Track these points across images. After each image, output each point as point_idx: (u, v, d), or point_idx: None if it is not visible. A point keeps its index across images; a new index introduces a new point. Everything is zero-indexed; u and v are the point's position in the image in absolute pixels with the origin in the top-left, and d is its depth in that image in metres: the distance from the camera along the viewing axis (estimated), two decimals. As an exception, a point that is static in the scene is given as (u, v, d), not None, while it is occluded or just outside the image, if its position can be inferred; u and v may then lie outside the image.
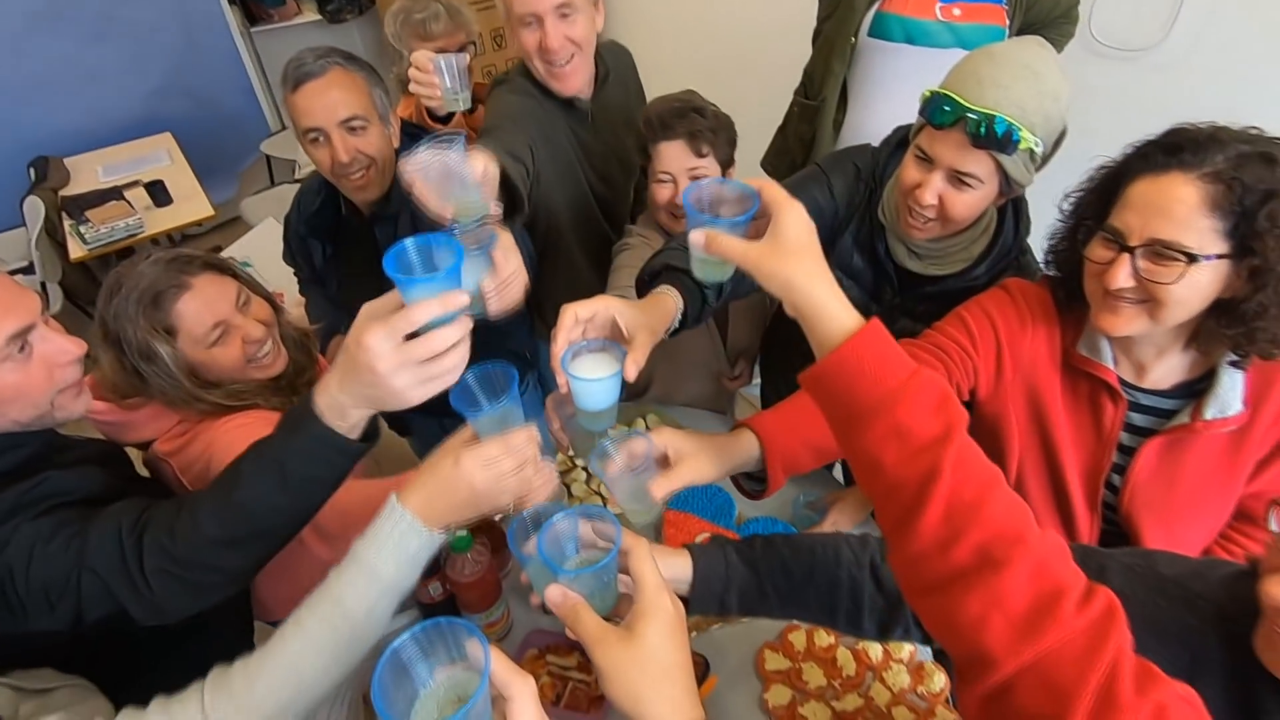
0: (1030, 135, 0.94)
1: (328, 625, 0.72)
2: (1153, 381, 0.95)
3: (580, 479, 1.47)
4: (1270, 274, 0.77)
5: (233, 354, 1.09)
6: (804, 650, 1.19)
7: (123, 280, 1.04)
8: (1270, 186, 0.76)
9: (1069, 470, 1.01)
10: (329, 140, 1.24)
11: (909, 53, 1.51)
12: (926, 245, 1.11)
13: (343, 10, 3.95)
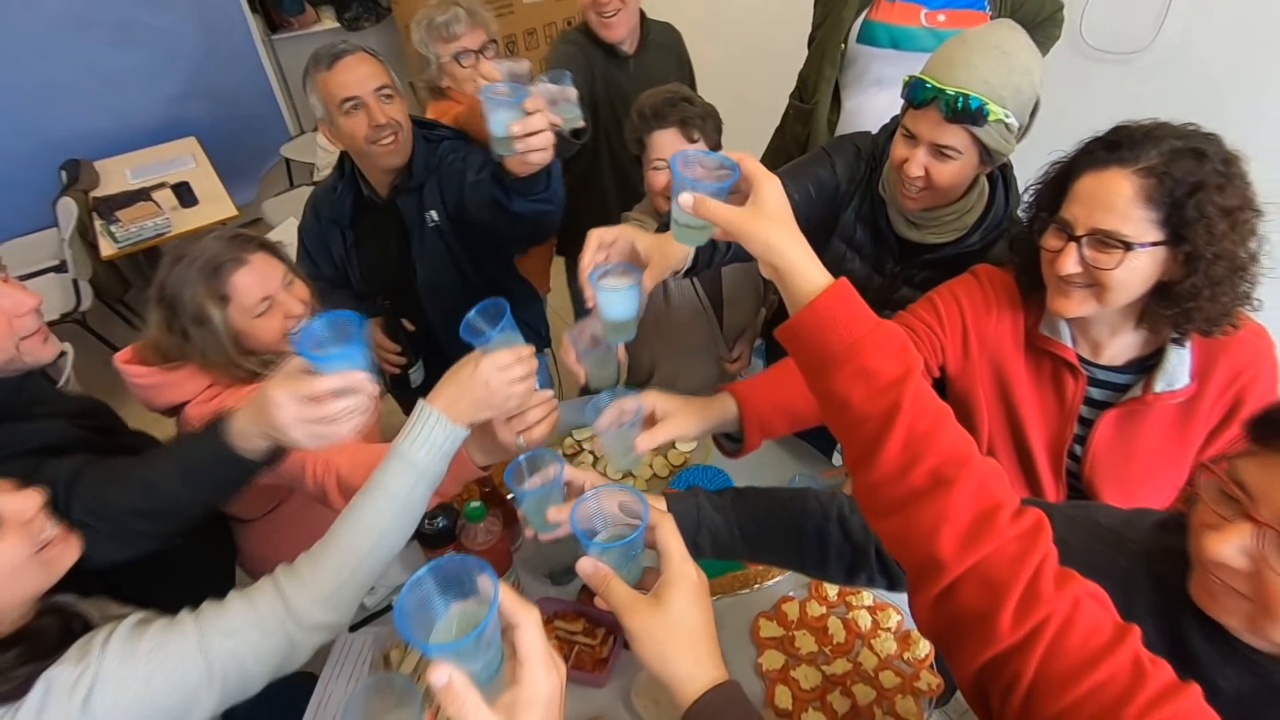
0: (999, 109, 1.01)
1: (376, 509, 0.86)
2: (1108, 358, 1.01)
3: (588, 462, 1.55)
4: (1201, 259, 0.84)
5: (274, 326, 1.19)
6: (797, 620, 1.25)
7: (186, 251, 1.15)
8: (1199, 179, 0.82)
9: (1035, 442, 1.08)
10: (365, 107, 1.34)
11: (896, 57, 1.59)
12: (923, 215, 1.18)
13: (360, 18, 4.06)
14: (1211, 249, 0.84)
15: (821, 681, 1.17)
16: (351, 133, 1.36)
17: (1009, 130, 1.05)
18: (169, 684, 0.75)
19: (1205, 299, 0.86)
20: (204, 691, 0.77)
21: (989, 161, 1.10)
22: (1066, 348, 1.00)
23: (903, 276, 1.28)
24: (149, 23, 3.27)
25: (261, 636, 0.80)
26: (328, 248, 1.58)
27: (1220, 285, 0.86)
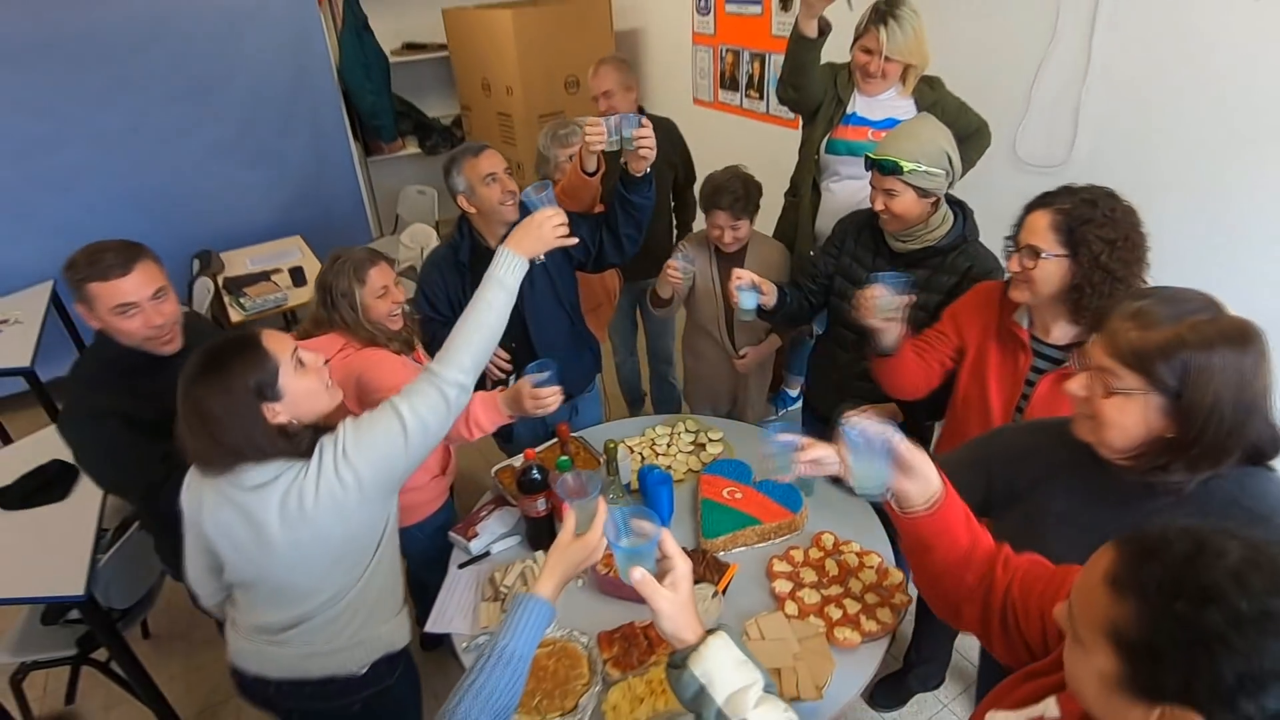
0: (909, 163, 1.55)
1: (494, 295, 1.37)
2: (1053, 339, 1.41)
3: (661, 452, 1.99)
4: (1085, 269, 1.28)
5: (386, 306, 1.75)
6: (802, 561, 1.65)
7: (341, 254, 1.74)
8: (1088, 217, 1.28)
9: (994, 400, 1.50)
10: (499, 180, 1.89)
11: (852, 160, 2.20)
12: (902, 234, 1.70)
13: (438, 146, 4.89)
14: (1092, 262, 1.26)
15: (820, 599, 1.55)
16: (488, 198, 1.90)
17: (929, 175, 1.57)
18: (380, 431, 1.22)
19: (1089, 296, 1.29)
20: (400, 437, 1.22)
21: (927, 195, 1.61)
22: (1021, 328, 1.44)
23: None
24: (277, 148, 4.05)
25: (424, 394, 1.26)
26: (447, 292, 2.07)
27: (1099, 287, 1.27)
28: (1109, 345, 0.93)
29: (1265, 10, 1.87)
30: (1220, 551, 0.59)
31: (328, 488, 1.17)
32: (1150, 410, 0.91)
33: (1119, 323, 0.93)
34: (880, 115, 2.18)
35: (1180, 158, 2.14)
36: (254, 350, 1.17)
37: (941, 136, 1.60)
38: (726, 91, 3.90)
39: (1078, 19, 2.25)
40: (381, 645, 1.40)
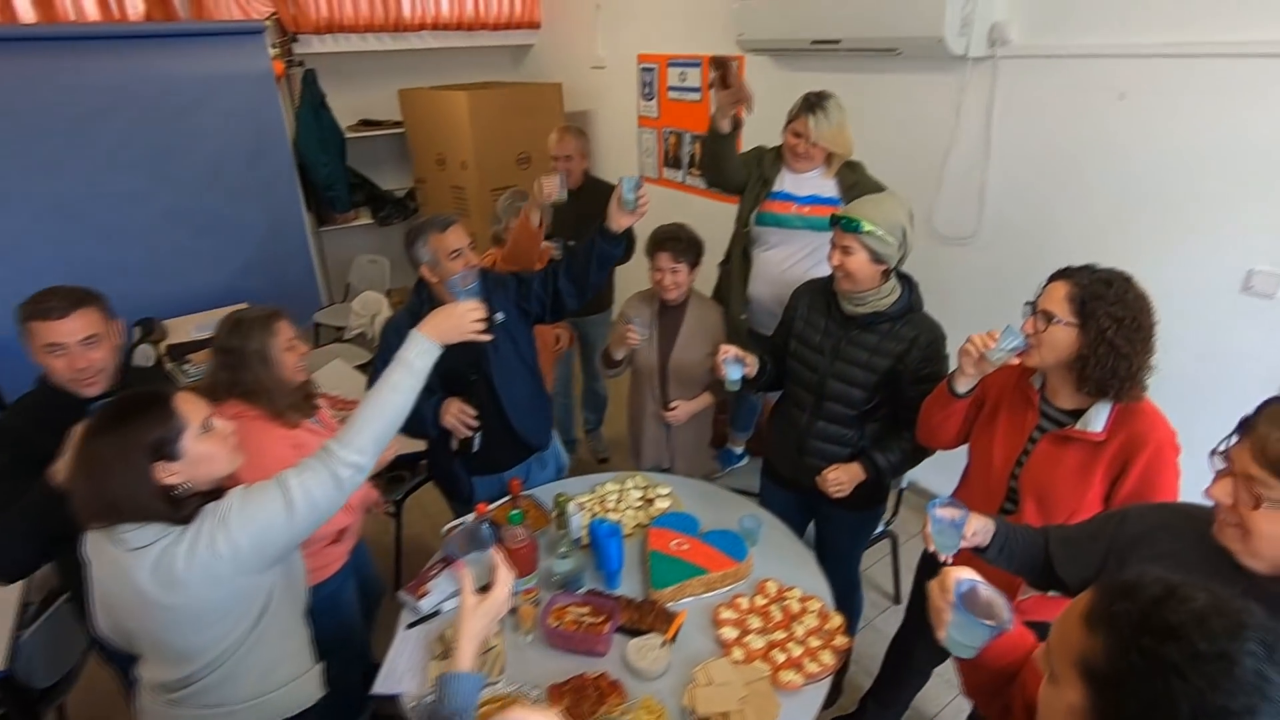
0: (869, 224, 1.68)
1: (400, 377, 1.35)
2: (1061, 402, 1.48)
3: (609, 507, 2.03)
4: (1094, 341, 1.34)
5: (293, 358, 1.76)
6: (747, 608, 1.70)
7: (240, 315, 1.74)
8: (1100, 294, 1.34)
9: (997, 451, 1.57)
10: (464, 255, 1.97)
11: (778, 231, 2.44)
12: (857, 297, 1.80)
13: (390, 217, 5.00)
14: (1099, 335, 1.33)
15: (765, 644, 1.60)
16: (453, 272, 1.94)
17: (882, 240, 1.70)
18: (265, 504, 1.21)
19: (1093, 366, 1.35)
20: (284, 513, 1.20)
21: (879, 261, 1.73)
22: (1033, 389, 1.52)
23: (846, 336, 1.86)
24: (229, 217, 4.08)
25: (316, 473, 1.24)
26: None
27: (1103, 360, 1.34)
28: (1258, 453, 0.88)
29: (1131, 106, 2.16)
30: (1188, 598, 0.65)
31: (202, 556, 1.15)
32: None
33: (1268, 429, 0.88)
34: (805, 192, 2.39)
35: (1074, 228, 2.40)
36: (160, 407, 1.18)
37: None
38: (670, 169, 4.15)
39: (978, 105, 2.54)
40: (280, 708, 1.39)
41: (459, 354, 2.04)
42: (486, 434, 2.07)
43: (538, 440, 2.23)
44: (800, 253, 2.47)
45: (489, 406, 2.07)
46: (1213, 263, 2.10)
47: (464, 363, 2.04)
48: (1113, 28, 2.16)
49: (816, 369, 1.89)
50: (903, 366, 1.79)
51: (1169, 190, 2.14)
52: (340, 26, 4.29)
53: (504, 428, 2.12)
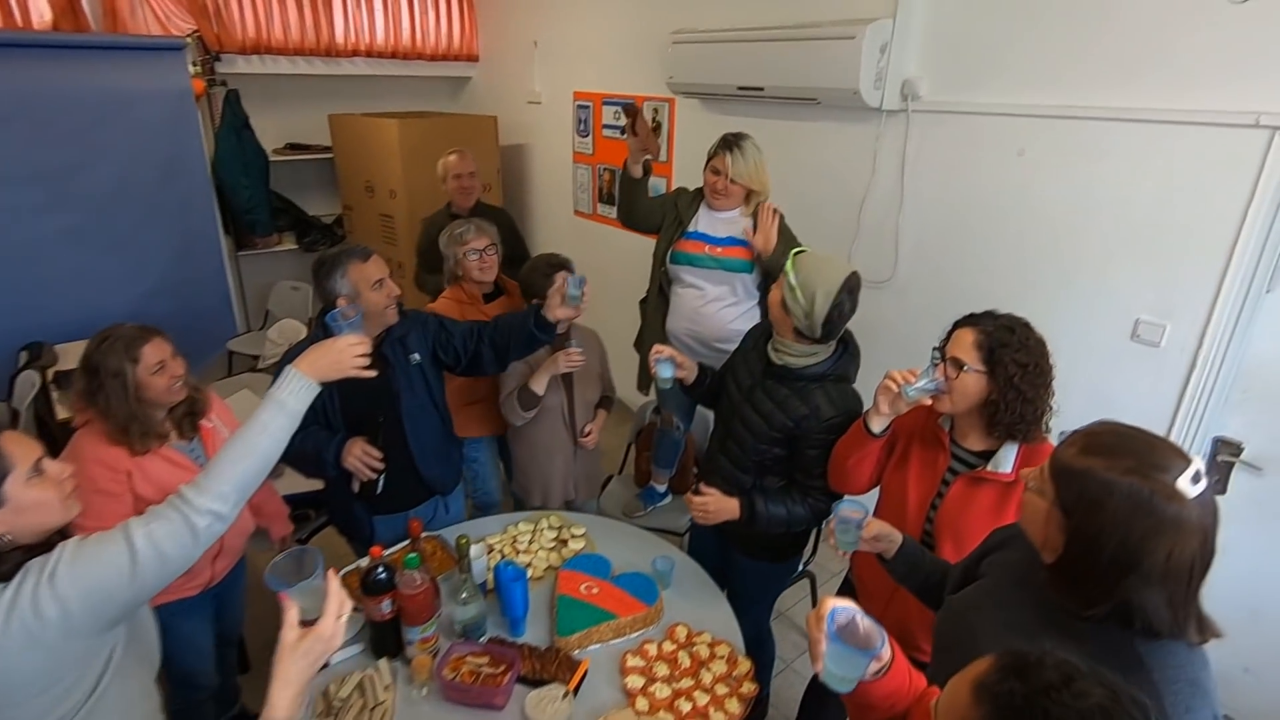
0: (789, 269, 1.64)
1: (272, 417, 1.24)
2: (970, 444, 1.51)
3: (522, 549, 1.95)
4: (1001, 386, 1.39)
5: (164, 381, 1.66)
6: (655, 654, 1.65)
7: (110, 332, 1.64)
8: (1004, 341, 1.39)
9: (911, 493, 1.58)
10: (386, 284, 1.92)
11: (692, 270, 2.47)
12: (781, 344, 1.74)
13: (317, 243, 4.84)
14: (1007, 381, 1.38)
15: (671, 693, 1.54)
16: (375, 302, 1.89)
17: (792, 292, 1.63)
18: (103, 558, 1.05)
19: (1003, 411, 1.40)
20: (127, 569, 1.05)
21: (788, 312, 1.67)
22: (944, 430, 1.55)
23: (761, 382, 1.81)
24: (138, 238, 3.87)
25: (168, 522, 1.10)
26: None
27: (1011, 405, 1.39)
28: (1052, 456, 0.96)
29: (1030, 162, 2.29)
30: (1083, 693, 0.62)
31: (20, 619, 0.99)
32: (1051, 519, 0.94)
33: (1067, 442, 0.96)
34: (722, 233, 2.43)
35: (980, 274, 2.50)
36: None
37: (826, 280, 1.63)
38: (604, 205, 4.17)
39: (892, 155, 2.64)
40: None
41: (368, 392, 1.97)
42: (391, 474, 1.98)
43: (443, 485, 2.16)
44: (714, 292, 2.50)
45: (396, 447, 1.99)
46: (1104, 311, 2.22)
47: (373, 401, 1.97)
48: (1013, 89, 2.29)
49: (732, 403, 1.88)
50: (800, 433, 1.74)
51: (1064, 242, 2.26)
52: (268, 48, 4.19)
53: (409, 469, 2.03)
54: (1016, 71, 2.27)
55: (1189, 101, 1.94)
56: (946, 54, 2.44)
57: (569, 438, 2.37)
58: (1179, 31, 1.93)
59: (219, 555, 1.89)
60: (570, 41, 4.10)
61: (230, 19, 4.01)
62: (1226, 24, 1.84)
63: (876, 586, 1.68)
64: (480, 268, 2.40)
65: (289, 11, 4.19)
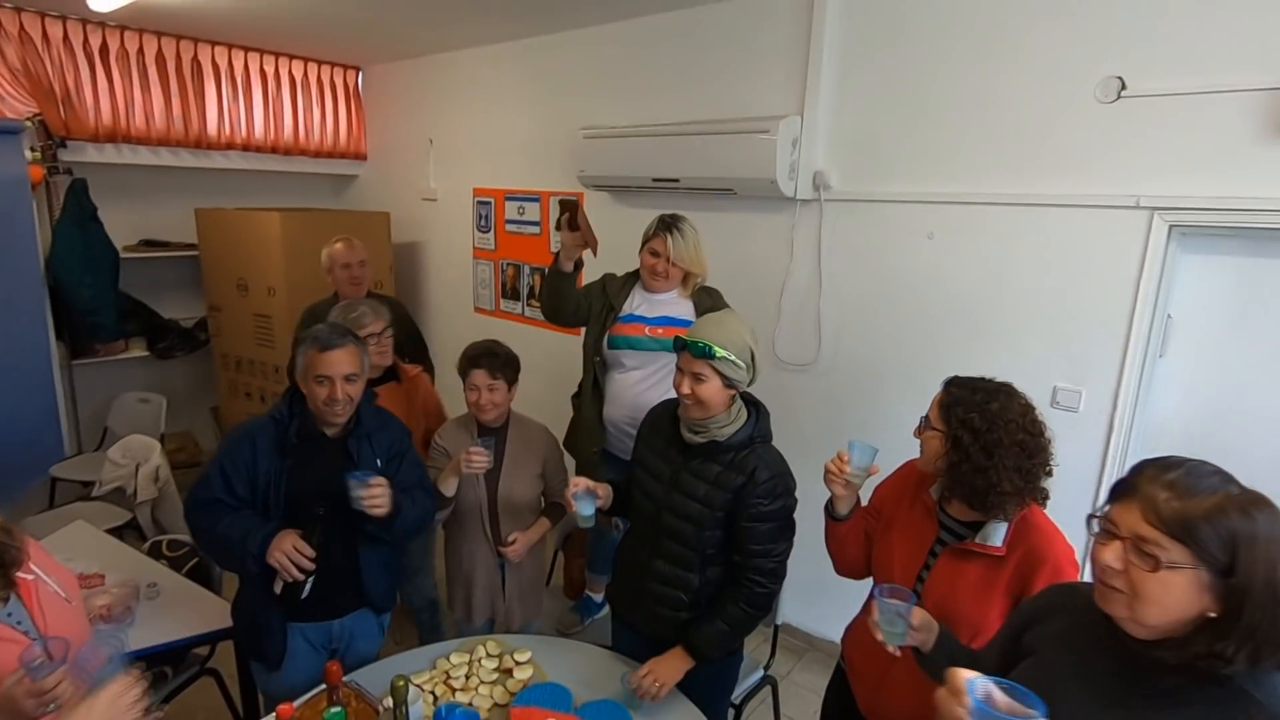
0: (722, 350, 1.57)
1: None
2: (957, 513, 1.42)
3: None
4: (963, 450, 1.32)
5: None
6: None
7: None
8: (961, 400, 1.34)
9: (897, 563, 1.47)
10: (331, 384, 1.65)
11: (631, 354, 2.39)
12: (698, 423, 1.64)
13: (173, 349, 4.27)
14: (956, 443, 1.32)
15: None
16: (315, 396, 1.65)
17: (734, 365, 1.58)
18: None
19: (967, 478, 1.32)
20: None
21: (731, 386, 1.61)
22: (932, 499, 1.46)
23: (685, 466, 1.68)
24: (-63, 345, 3.21)
25: None
26: (253, 471, 1.66)
27: (957, 468, 1.33)
28: (1149, 513, 0.86)
29: (939, 244, 2.43)
30: None
31: None
32: (1197, 586, 0.84)
33: (1154, 490, 0.87)
34: (657, 313, 2.37)
35: (900, 353, 2.57)
36: None
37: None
38: (508, 300, 4.03)
39: (808, 241, 2.73)
40: None
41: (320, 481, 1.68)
42: (323, 577, 1.66)
43: (381, 601, 1.83)
44: (656, 374, 2.40)
45: (338, 549, 1.69)
46: (1022, 380, 2.23)
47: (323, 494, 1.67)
48: (916, 177, 2.46)
49: (655, 499, 1.71)
50: (738, 503, 1.62)
51: (980, 316, 2.38)
52: (126, 137, 3.80)
53: (349, 576, 1.74)
54: (917, 162, 2.45)
55: (1076, 187, 2.15)
56: (852, 147, 2.60)
57: (489, 546, 2.08)
58: (1059, 125, 2.16)
59: None
60: (469, 139, 4.06)
61: (82, 104, 3.62)
62: (1099, 119, 2.08)
63: (867, 669, 1.53)
64: (377, 352, 2.22)
65: (154, 100, 3.86)
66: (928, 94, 2.39)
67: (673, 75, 3.06)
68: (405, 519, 1.71)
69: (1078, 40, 2.09)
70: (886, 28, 2.46)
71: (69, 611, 1.41)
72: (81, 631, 1.45)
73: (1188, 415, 2.16)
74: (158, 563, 2.34)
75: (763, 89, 2.78)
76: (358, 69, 4.67)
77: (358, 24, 3.59)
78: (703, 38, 2.94)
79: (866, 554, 1.60)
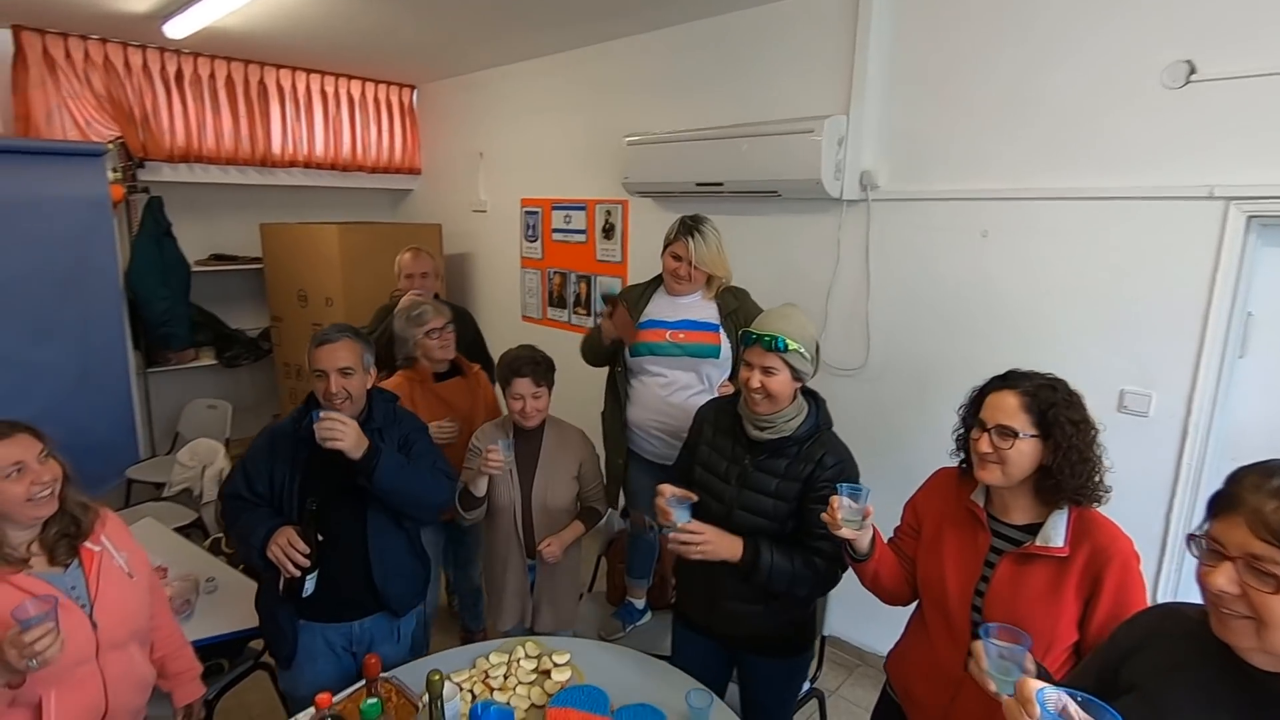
0: (793, 343, 1.56)
1: None
2: (1012, 518, 1.36)
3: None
4: (1060, 449, 1.27)
5: (20, 489, 1.33)
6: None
7: None
8: (1053, 400, 1.28)
9: (950, 580, 1.39)
10: (327, 378, 1.70)
11: (654, 360, 2.35)
12: (764, 419, 1.63)
13: (238, 358, 4.47)
14: (1065, 442, 1.27)
15: None
16: (318, 391, 1.72)
17: (803, 357, 1.59)
18: None
19: (1066, 475, 1.27)
20: None
21: (799, 378, 1.61)
22: (979, 506, 1.39)
23: (753, 464, 1.67)
24: (27, 355, 3.43)
25: None
26: (271, 469, 1.73)
27: (1075, 467, 1.27)
28: (1258, 527, 0.79)
29: (993, 243, 2.34)
30: None
31: None
32: None
33: (1259, 500, 0.80)
34: (679, 316, 2.34)
35: (952, 357, 2.47)
36: None
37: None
38: (554, 309, 4.07)
39: (856, 243, 2.67)
40: None
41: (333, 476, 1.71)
42: (335, 576, 1.71)
43: (399, 603, 1.83)
44: (680, 379, 2.36)
45: (349, 547, 1.72)
46: (1086, 384, 2.13)
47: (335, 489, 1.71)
48: (966, 174, 2.38)
49: (723, 499, 1.70)
50: (806, 488, 1.64)
51: (1038, 317, 2.27)
52: (198, 157, 4.02)
53: (361, 576, 1.75)
54: (968, 158, 2.37)
55: (1141, 179, 2.04)
56: (900, 144, 2.53)
57: (520, 548, 2.09)
58: (1122, 114, 2.05)
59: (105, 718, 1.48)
60: (517, 151, 4.14)
61: (159, 127, 3.86)
62: (1166, 106, 1.97)
63: (931, 700, 1.45)
64: (440, 346, 2.37)
65: (223, 121, 4.08)
66: (979, 86, 2.31)
67: (716, 79, 3.05)
68: (387, 471, 1.67)
69: (1140, 25, 1.99)
70: (935, 20, 2.39)
71: (128, 585, 1.50)
72: (136, 605, 1.54)
73: (1271, 419, 2.01)
74: (217, 559, 2.44)
75: (807, 89, 2.74)
76: (413, 87, 4.83)
77: (413, 44, 3.72)
78: (745, 41, 2.92)
79: (905, 578, 1.53)
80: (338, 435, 1.61)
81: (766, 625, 1.72)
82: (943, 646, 1.40)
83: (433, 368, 2.41)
